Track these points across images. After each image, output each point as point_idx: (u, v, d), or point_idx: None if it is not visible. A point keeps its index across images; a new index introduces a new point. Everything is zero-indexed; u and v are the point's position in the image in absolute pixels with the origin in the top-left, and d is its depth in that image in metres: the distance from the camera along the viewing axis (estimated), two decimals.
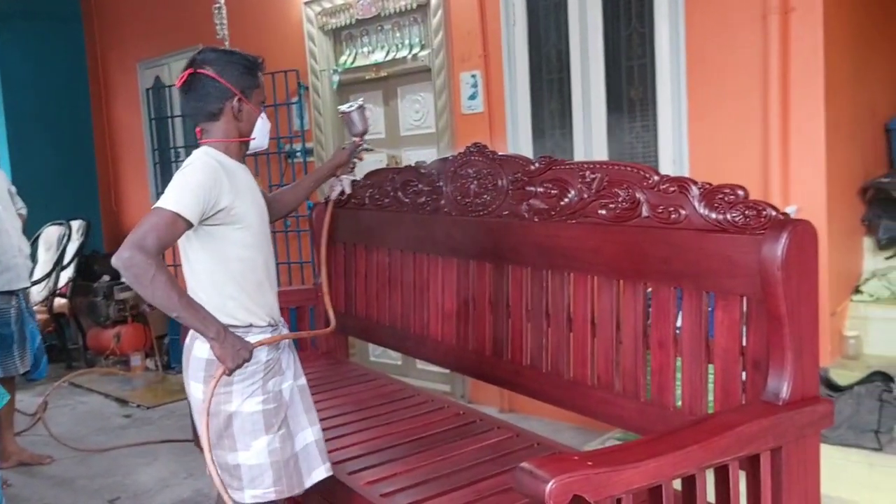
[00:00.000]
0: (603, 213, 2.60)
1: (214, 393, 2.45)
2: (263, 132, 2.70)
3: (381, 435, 3.17)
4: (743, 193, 2.21)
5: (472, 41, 5.07)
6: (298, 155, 6.29)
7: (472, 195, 3.21)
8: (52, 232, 7.67)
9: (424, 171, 3.51)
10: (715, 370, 2.32)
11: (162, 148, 7.61)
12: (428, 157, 5.25)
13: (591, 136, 4.68)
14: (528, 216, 2.92)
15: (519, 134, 5.01)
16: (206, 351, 2.48)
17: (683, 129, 4.21)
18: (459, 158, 3.29)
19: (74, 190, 8.82)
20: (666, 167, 4.22)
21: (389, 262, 3.81)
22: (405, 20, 5.63)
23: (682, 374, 2.41)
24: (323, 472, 2.71)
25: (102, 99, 9.05)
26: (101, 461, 4.90)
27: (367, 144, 3.36)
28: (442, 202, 3.39)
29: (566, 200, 2.74)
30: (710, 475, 1.91)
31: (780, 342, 2.08)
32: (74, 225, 7.61)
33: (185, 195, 2.35)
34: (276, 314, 2.68)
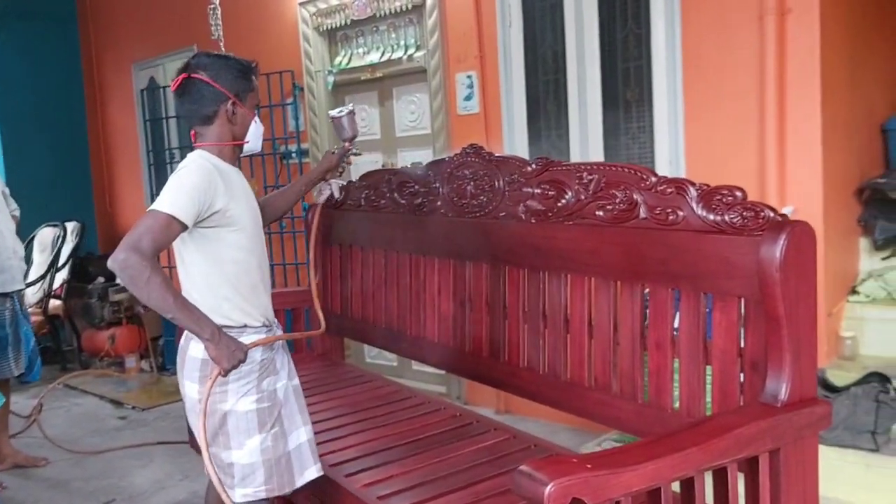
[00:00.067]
0: (600, 214, 2.60)
1: (210, 392, 2.46)
2: (257, 135, 2.72)
3: (377, 437, 3.17)
4: (741, 195, 2.21)
5: (467, 42, 5.06)
6: (293, 156, 6.27)
7: (468, 196, 3.21)
8: (46, 233, 7.65)
9: (421, 172, 3.51)
10: (713, 372, 2.32)
11: (157, 149, 7.59)
12: (423, 158, 5.25)
13: (587, 137, 4.68)
14: (524, 217, 2.92)
15: (515, 135, 5.01)
16: (201, 351, 2.49)
17: (679, 130, 4.20)
18: (456, 160, 3.29)
19: (69, 191, 8.79)
20: (662, 168, 4.21)
21: (385, 263, 3.81)
22: (400, 21, 5.62)
23: (679, 375, 2.41)
24: (314, 471, 2.73)
25: (97, 100, 9.02)
26: (96, 463, 4.89)
27: (355, 149, 3.37)
28: (438, 203, 3.39)
29: (563, 202, 2.74)
30: (708, 477, 1.91)
31: (778, 343, 2.08)
32: (69, 226, 7.59)
33: (180, 197, 2.37)
34: (270, 315, 2.70)
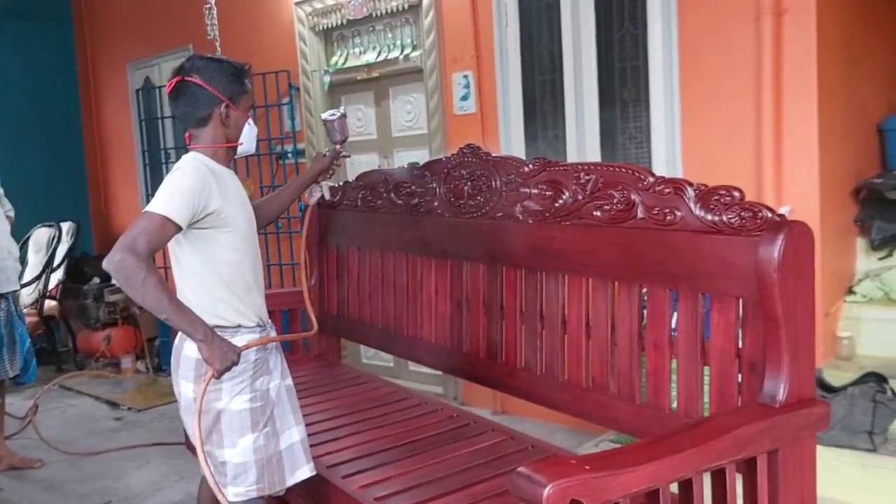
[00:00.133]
0: (598, 214, 2.59)
1: (205, 392, 2.48)
2: (251, 137, 2.74)
3: (374, 438, 3.15)
4: (739, 195, 2.20)
5: (464, 42, 5.06)
6: (290, 156, 6.27)
7: (465, 197, 3.20)
8: (41, 234, 7.63)
9: (417, 172, 3.51)
10: (710, 372, 2.32)
11: (152, 149, 7.57)
12: (420, 158, 5.25)
13: (583, 137, 4.68)
14: (522, 217, 2.91)
15: (511, 135, 5.00)
16: (196, 350, 2.50)
17: (676, 130, 4.20)
18: (453, 160, 3.28)
19: (64, 192, 8.78)
20: (659, 168, 4.21)
21: (382, 263, 3.80)
22: (397, 21, 5.61)
23: (677, 376, 2.40)
24: (307, 471, 2.74)
25: (92, 100, 9.00)
26: (91, 465, 4.87)
27: (345, 151, 3.42)
28: (435, 204, 3.38)
29: (560, 202, 2.74)
30: (706, 478, 1.90)
31: (776, 344, 2.07)
32: (64, 227, 7.57)
33: (174, 199, 2.39)
34: (263, 315, 2.73)
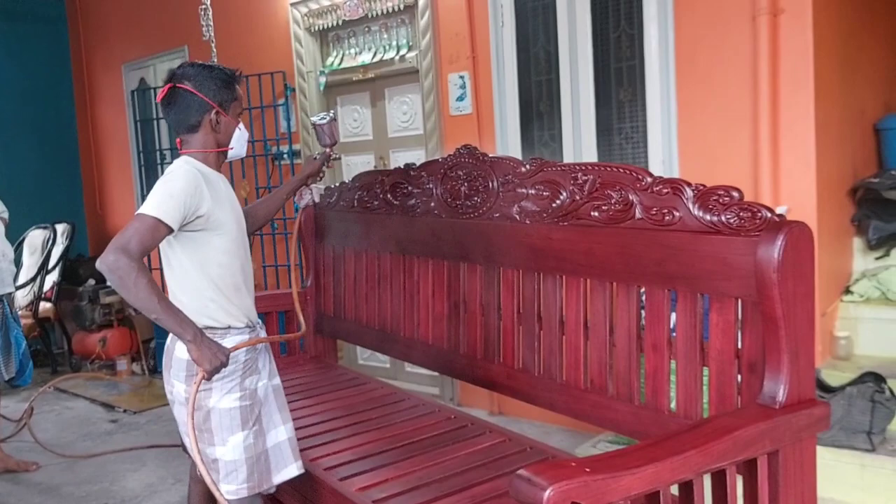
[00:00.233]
0: (595, 214, 2.59)
1: (196, 393, 2.52)
2: (241, 142, 2.80)
3: (372, 440, 3.14)
4: (738, 195, 2.19)
5: (460, 42, 5.05)
6: (285, 157, 6.25)
7: (462, 197, 3.20)
8: (36, 236, 7.61)
9: (414, 172, 3.50)
10: (710, 373, 2.31)
11: (147, 150, 7.54)
12: (416, 158, 5.23)
13: (579, 137, 4.67)
14: (519, 218, 2.91)
15: (507, 135, 4.99)
16: (186, 352, 2.54)
17: (673, 130, 4.20)
18: (449, 160, 3.28)
19: (59, 193, 8.76)
20: (655, 168, 4.20)
21: (379, 264, 3.80)
22: (392, 21, 5.60)
23: (676, 376, 2.40)
24: (294, 469, 2.80)
25: (87, 101, 8.97)
26: (87, 467, 4.85)
27: (336, 154, 3.45)
28: (432, 204, 3.38)
29: (558, 202, 2.73)
30: (706, 480, 1.90)
31: (776, 345, 2.07)
32: (59, 228, 7.54)
33: (166, 201, 2.45)
34: (253, 316, 2.78)
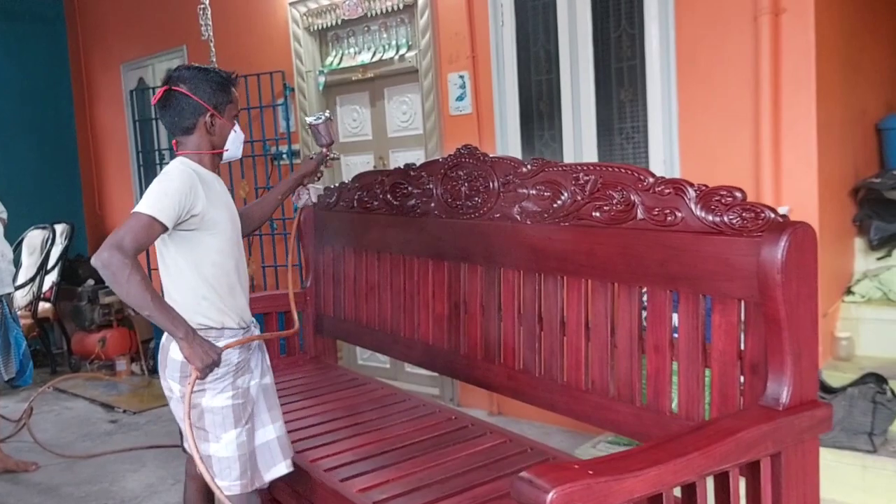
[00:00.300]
0: (597, 215, 2.58)
1: (191, 392, 2.57)
2: (237, 144, 2.82)
3: (372, 440, 3.13)
4: (741, 195, 2.18)
5: (459, 42, 5.04)
6: (284, 157, 6.24)
7: (462, 197, 3.19)
8: (35, 236, 7.59)
9: (414, 173, 3.49)
10: (712, 374, 2.30)
11: (146, 150, 7.53)
12: (416, 158, 5.22)
13: (580, 137, 4.66)
14: (520, 218, 2.90)
15: (508, 135, 4.98)
16: (180, 352, 2.57)
17: (674, 130, 4.19)
18: (450, 160, 3.27)
19: (58, 193, 8.74)
20: (656, 168, 4.19)
21: (378, 264, 3.79)
22: (392, 21, 5.59)
23: (678, 378, 2.39)
24: (283, 468, 2.84)
25: (85, 101, 8.96)
26: (87, 468, 4.84)
27: (333, 154, 3.42)
28: (432, 205, 3.37)
29: (559, 203, 2.72)
30: (709, 482, 1.89)
31: (779, 346, 2.06)
32: (58, 228, 7.53)
33: (161, 200, 2.48)
34: (246, 316, 2.81)
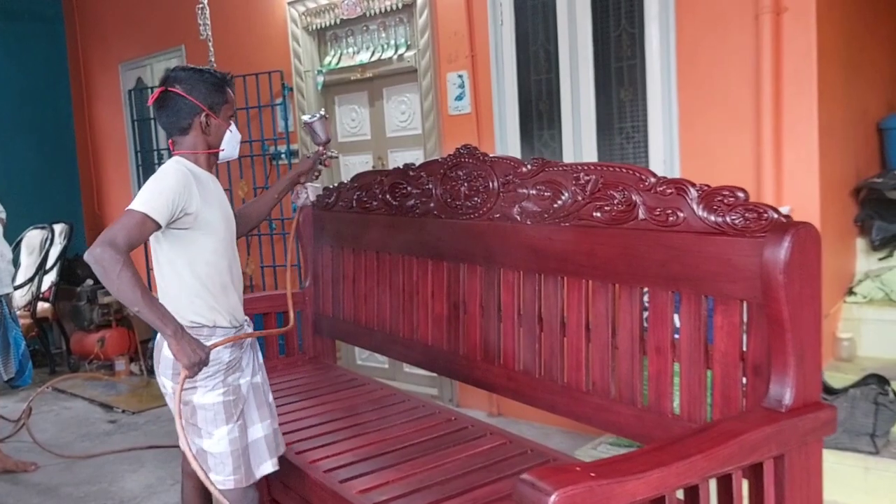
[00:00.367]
0: (598, 215, 2.57)
1: (182, 390, 2.60)
2: (233, 144, 2.85)
3: (372, 441, 3.12)
4: (743, 195, 2.17)
5: (458, 41, 5.02)
6: (283, 157, 6.22)
7: (462, 198, 3.17)
8: (34, 236, 7.58)
9: (413, 173, 3.47)
10: (714, 376, 2.29)
11: (144, 150, 7.52)
12: (414, 158, 5.22)
13: (580, 136, 4.65)
14: (520, 219, 2.89)
15: (507, 135, 4.97)
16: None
17: (674, 130, 4.17)
18: (449, 160, 3.25)
19: (57, 193, 8.73)
20: (656, 168, 4.17)
21: (378, 265, 3.78)
22: (391, 20, 5.58)
23: (680, 379, 2.37)
24: (269, 466, 2.87)
25: (84, 100, 8.94)
26: (86, 468, 4.83)
27: (331, 152, 3.40)
28: (431, 205, 3.36)
29: (560, 203, 2.71)
30: (711, 484, 1.87)
31: (782, 347, 2.05)
32: (57, 228, 7.51)
33: (155, 198, 2.51)
34: (239, 315, 2.84)
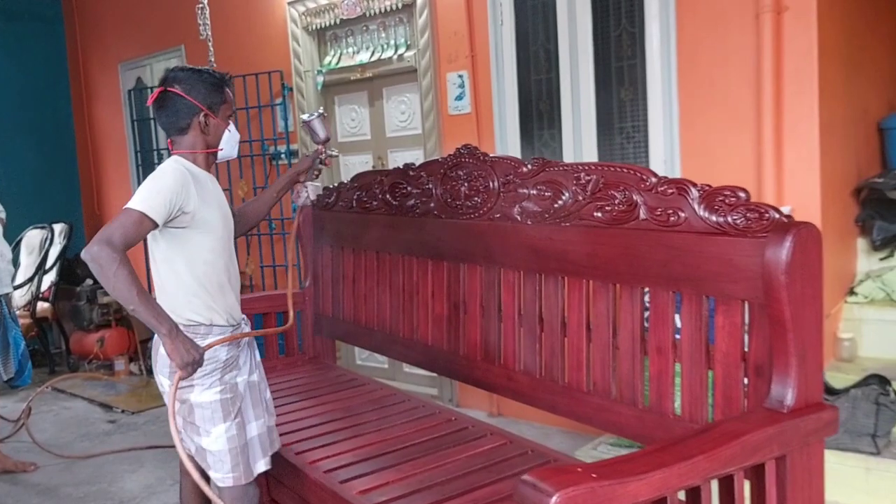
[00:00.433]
0: (598, 215, 2.56)
1: (178, 386, 2.62)
2: (231, 143, 2.87)
3: (372, 442, 3.11)
4: (744, 195, 2.17)
5: (458, 41, 5.02)
6: (283, 157, 6.21)
7: (462, 198, 3.17)
8: (34, 236, 7.57)
9: (413, 173, 3.47)
10: (715, 376, 2.28)
11: (144, 149, 7.51)
12: (414, 158, 5.21)
13: (580, 136, 4.64)
14: (520, 219, 2.88)
15: (507, 135, 4.96)
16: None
17: (674, 129, 4.17)
18: (449, 160, 3.25)
19: (56, 193, 8.71)
20: (657, 168, 4.17)
21: (378, 265, 3.77)
22: (391, 20, 5.57)
23: (681, 380, 2.37)
24: (262, 465, 2.90)
25: (84, 100, 8.92)
26: (85, 468, 4.82)
27: (331, 151, 3.37)
28: (432, 205, 3.35)
29: (560, 203, 2.70)
30: (713, 485, 1.87)
31: (783, 348, 2.04)
32: (57, 228, 7.51)
33: (153, 197, 2.54)
34: (236, 314, 2.85)
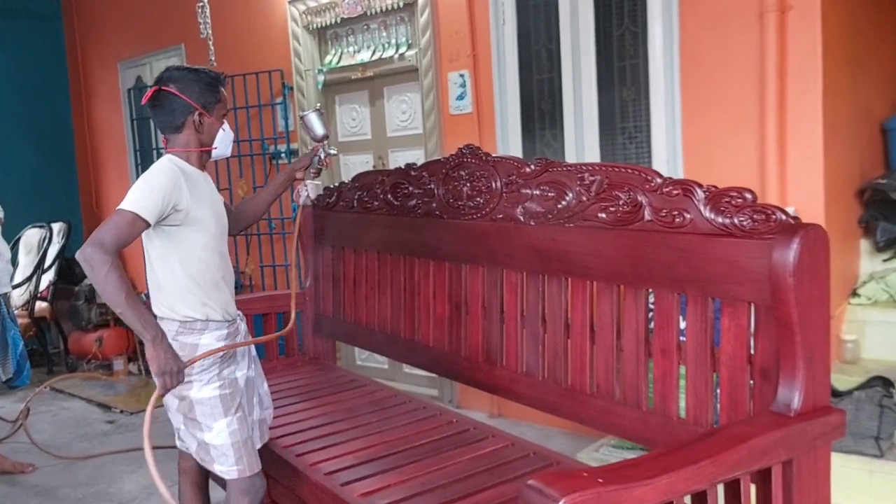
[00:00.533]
0: (603, 216, 2.54)
1: (153, 404, 2.68)
2: (225, 142, 2.89)
3: (373, 444, 3.09)
4: (751, 197, 2.14)
5: (460, 40, 5.00)
6: (283, 156, 6.20)
7: (464, 198, 3.15)
8: (32, 235, 7.56)
9: (415, 173, 3.45)
10: (721, 379, 2.26)
11: (143, 149, 7.50)
12: (415, 158, 5.20)
13: (582, 136, 4.62)
14: (523, 219, 2.86)
15: (509, 135, 4.95)
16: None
17: (677, 130, 4.15)
18: (451, 160, 3.23)
19: (55, 192, 8.70)
20: (659, 168, 4.10)
21: (379, 265, 3.75)
22: (392, 19, 5.55)
23: (686, 382, 2.35)
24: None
25: (83, 99, 8.91)
26: (84, 469, 4.81)
27: (331, 148, 3.31)
28: (433, 205, 3.33)
29: (564, 203, 2.68)
30: (719, 489, 1.85)
31: (790, 350, 2.02)
32: (55, 227, 7.50)
33: (146, 197, 2.55)
34: (231, 310, 2.87)
